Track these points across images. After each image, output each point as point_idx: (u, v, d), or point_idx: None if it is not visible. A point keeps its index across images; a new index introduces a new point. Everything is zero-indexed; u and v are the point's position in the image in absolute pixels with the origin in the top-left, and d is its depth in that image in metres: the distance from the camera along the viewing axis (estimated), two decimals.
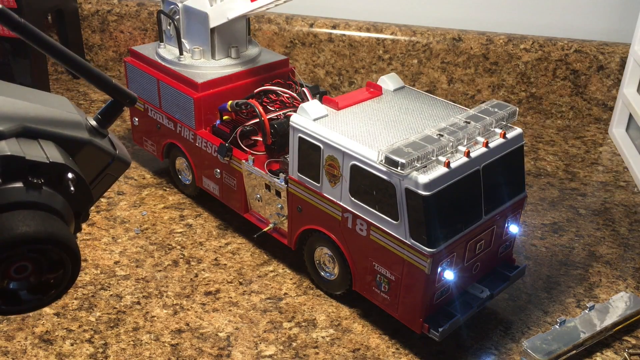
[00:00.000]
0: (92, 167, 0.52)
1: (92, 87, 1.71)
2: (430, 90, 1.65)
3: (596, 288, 1.03)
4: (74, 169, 0.48)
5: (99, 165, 0.52)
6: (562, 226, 1.19)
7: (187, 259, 1.06)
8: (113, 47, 1.77)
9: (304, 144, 0.90)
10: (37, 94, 0.52)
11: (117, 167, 0.53)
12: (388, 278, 0.86)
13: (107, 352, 0.87)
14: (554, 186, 1.33)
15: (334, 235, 0.92)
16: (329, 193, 0.90)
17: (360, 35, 1.63)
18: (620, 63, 1.56)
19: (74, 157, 0.50)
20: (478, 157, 0.84)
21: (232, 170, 1.07)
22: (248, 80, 1.15)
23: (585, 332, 0.89)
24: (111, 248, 1.07)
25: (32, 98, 0.50)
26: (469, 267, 0.88)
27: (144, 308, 0.95)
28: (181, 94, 1.11)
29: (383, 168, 0.80)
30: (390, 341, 0.91)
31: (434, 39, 1.61)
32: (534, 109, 1.63)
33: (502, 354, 0.89)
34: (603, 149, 1.51)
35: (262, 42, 1.66)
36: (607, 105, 1.60)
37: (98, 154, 0.52)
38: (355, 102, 0.95)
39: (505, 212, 0.91)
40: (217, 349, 0.88)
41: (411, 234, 0.80)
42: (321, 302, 0.97)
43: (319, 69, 1.68)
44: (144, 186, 1.26)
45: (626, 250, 1.13)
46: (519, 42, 1.59)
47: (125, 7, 1.72)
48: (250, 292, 0.99)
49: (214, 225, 1.15)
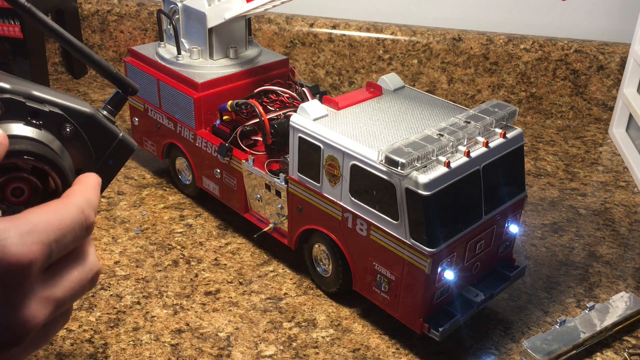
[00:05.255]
0: (97, 144, 0.54)
1: (92, 87, 1.71)
2: (430, 90, 1.65)
3: (596, 288, 1.03)
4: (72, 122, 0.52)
5: (104, 143, 0.55)
6: (562, 226, 1.19)
7: (187, 259, 1.06)
8: (113, 47, 1.77)
9: (304, 143, 0.90)
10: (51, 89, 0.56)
11: (123, 149, 0.56)
12: (388, 278, 0.86)
13: (107, 352, 0.87)
14: (554, 186, 1.33)
15: (334, 235, 0.92)
16: (329, 193, 0.90)
17: (360, 35, 1.63)
18: (620, 63, 1.56)
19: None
20: (478, 157, 0.84)
21: (232, 170, 1.07)
22: (248, 80, 1.15)
23: (585, 332, 0.89)
24: (111, 248, 1.07)
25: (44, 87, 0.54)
26: (469, 267, 0.88)
27: (144, 308, 0.95)
28: (181, 94, 1.11)
29: (383, 168, 0.80)
30: (390, 341, 0.91)
31: (434, 39, 1.61)
32: (534, 109, 1.63)
33: (502, 354, 0.89)
34: (603, 149, 1.51)
35: (262, 42, 1.66)
36: (607, 105, 1.60)
37: (103, 130, 0.54)
38: (355, 102, 0.95)
39: (505, 212, 0.91)
40: (217, 349, 0.88)
41: (411, 234, 0.80)
42: (321, 302, 0.97)
43: (319, 69, 1.68)
44: (144, 186, 1.26)
45: (626, 250, 1.13)
46: (519, 42, 1.59)
47: (125, 7, 1.72)
48: (250, 292, 0.99)
49: (214, 225, 1.15)
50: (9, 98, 0.49)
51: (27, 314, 0.43)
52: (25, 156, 0.48)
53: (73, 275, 0.47)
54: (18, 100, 0.49)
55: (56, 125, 0.51)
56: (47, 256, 0.43)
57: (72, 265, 0.47)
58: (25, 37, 1.45)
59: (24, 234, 0.42)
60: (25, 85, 0.51)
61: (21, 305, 0.43)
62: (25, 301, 0.43)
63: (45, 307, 0.44)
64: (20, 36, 1.45)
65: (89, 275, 0.48)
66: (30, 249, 0.42)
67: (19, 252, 0.41)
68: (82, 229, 0.46)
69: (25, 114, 0.49)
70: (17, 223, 0.42)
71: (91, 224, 0.48)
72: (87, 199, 0.48)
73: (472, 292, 0.90)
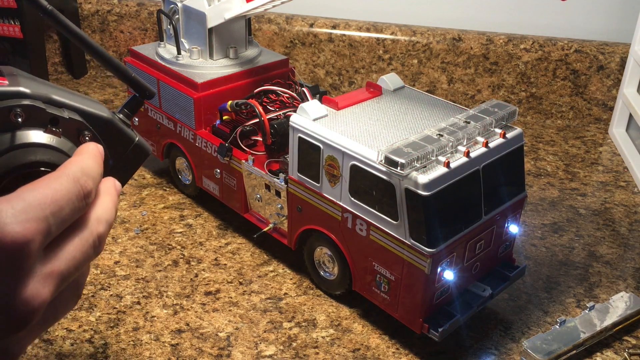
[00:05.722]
0: (113, 147, 0.55)
1: (92, 87, 1.71)
2: (430, 90, 1.65)
3: (596, 288, 1.03)
4: (91, 129, 0.52)
5: (120, 147, 0.56)
6: (562, 226, 1.19)
7: (187, 259, 1.06)
8: (113, 47, 1.77)
9: (303, 144, 0.90)
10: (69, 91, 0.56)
11: (138, 153, 0.57)
12: (388, 278, 0.86)
13: (107, 352, 0.87)
14: (554, 186, 1.33)
15: (334, 235, 0.92)
16: (329, 193, 0.90)
17: (360, 35, 1.63)
18: (620, 63, 1.56)
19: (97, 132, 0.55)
20: (478, 157, 0.84)
21: (232, 170, 1.07)
22: (248, 80, 1.15)
23: (585, 332, 0.89)
24: (111, 248, 1.07)
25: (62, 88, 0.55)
26: (468, 267, 0.88)
27: (144, 308, 0.95)
28: (181, 94, 1.11)
29: (383, 168, 0.80)
30: (390, 341, 0.91)
31: (434, 39, 1.61)
32: (534, 109, 1.63)
33: (502, 354, 0.89)
34: (603, 149, 1.51)
35: (262, 42, 1.66)
36: (607, 105, 1.60)
37: (119, 135, 0.55)
38: (355, 102, 0.95)
39: (505, 212, 0.91)
40: (217, 349, 0.88)
41: (411, 234, 0.80)
42: (321, 302, 0.97)
43: (319, 69, 1.68)
44: (144, 186, 1.26)
45: (626, 250, 1.13)
46: (519, 42, 1.59)
47: (125, 7, 1.72)
48: (250, 292, 0.99)
49: (214, 225, 1.15)
50: (30, 105, 0.49)
51: (30, 293, 0.41)
52: (42, 167, 0.48)
53: (74, 244, 0.45)
54: (39, 107, 0.49)
55: (75, 132, 0.52)
56: (45, 232, 0.42)
57: (72, 234, 0.46)
58: (25, 37, 1.45)
59: (18, 212, 0.40)
60: (44, 87, 0.51)
61: (23, 285, 0.41)
62: (27, 280, 0.41)
63: (49, 284, 0.43)
64: (20, 36, 1.45)
65: (89, 240, 0.46)
66: (26, 226, 0.40)
67: (15, 231, 0.40)
68: (79, 199, 0.45)
69: (45, 121, 0.50)
70: (11, 202, 0.41)
71: (88, 193, 0.46)
72: (81, 167, 0.46)
73: (479, 287, 0.90)
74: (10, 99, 0.49)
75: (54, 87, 0.52)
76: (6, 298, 0.41)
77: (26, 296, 0.41)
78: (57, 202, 0.43)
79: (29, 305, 0.41)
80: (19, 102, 0.49)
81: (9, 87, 0.49)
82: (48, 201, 0.42)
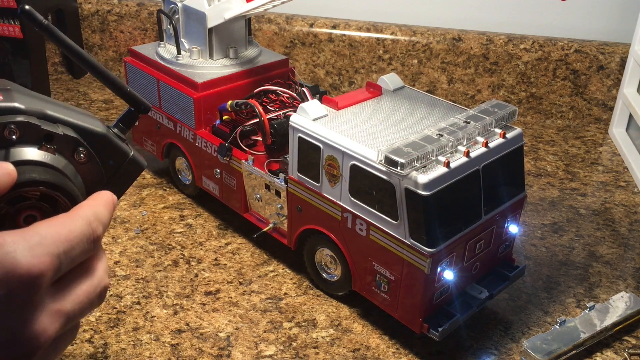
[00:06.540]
0: (108, 163, 0.55)
1: (92, 87, 1.71)
2: (430, 90, 1.65)
3: (596, 288, 1.03)
4: (86, 146, 0.52)
5: (115, 162, 0.56)
6: (562, 226, 1.19)
7: (187, 259, 1.06)
8: (113, 47, 1.77)
9: (303, 144, 0.90)
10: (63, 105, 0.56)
11: (133, 167, 0.57)
12: (388, 278, 0.86)
13: (107, 352, 0.87)
14: (554, 186, 1.33)
15: (334, 235, 0.92)
16: (329, 193, 0.90)
17: (360, 35, 1.63)
18: (620, 63, 1.56)
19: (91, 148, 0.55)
20: (478, 157, 0.84)
21: (232, 170, 1.07)
22: (248, 80, 1.15)
23: (585, 332, 0.89)
24: (111, 248, 1.07)
25: (57, 102, 0.55)
26: (468, 267, 0.88)
27: (144, 308, 0.95)
28: (181, 94, 1.11)
29: (383, 168, 0.80)
30: (390, 341, 0.91)
31: (434, 39, 1.61)
32: (534, 109, 1.63)
33: (502, 354, 0.89)
34: (603, 149, 1.51)
35: (262, 42, 1.66)
36: (607, 105, 1.60)
37: (114, 150, 0.55)
38: (355, 102, 0.95)
39: (505, 212, 0.91)
40: (217, 349, 0.88)
41: (411, 234, 0.80)
42: (321, 302, 0.97)
43: (319, 69, 1.68)
44: (144, 186, 1.26)
45: (626, 250, 1.13)
46: (519, 42, 1.59)
47: (125, 7, 1.72)
48: (250, 292, 0.99)
49: (214, 225, 1.15)
50: (24, 122, 0.49)
51: (38, 327, 0.43)
52: (38, 186, 0.48)
53: (82, 289, 0.47)
54: (33, 124, 0.49)
55: (70, 149, 0.52)
56: (56, 268, 0.43)
57: (81, 279, 0.48)
58: (25, 37, 1.45)
59: (33, 246, 0.42)
60: (38, 102, 0.51)
61: (32, 319, 0.43)
62: (36, 314, 0.43)
63: (56, 321, 0.44)
64: (20, 36, 1.45)
65: (97, 289, 0.48)
66: (40, 260, 0.42)
67: (29, 263, 0.41)
68: (89, 242, 0.47)
69: (40, 138, 0.50)
70: (26, 235, 0.43)
71: (97, 237, 0.48)
72: (95, 212, 0.48)
73: (476, 289, 0.90)
74: (4, 115, 0.48)
75: (48, 102, 0.52)
76: (16, 328, 0.42)
77: (35, 329, 0.43)
78: (70, 241, 0.45)
79: (37, 339, 0.43)
80: (13, 118, 0.49)
81: (3, 102, 0.49)
82: (62, 239, 0.44)
